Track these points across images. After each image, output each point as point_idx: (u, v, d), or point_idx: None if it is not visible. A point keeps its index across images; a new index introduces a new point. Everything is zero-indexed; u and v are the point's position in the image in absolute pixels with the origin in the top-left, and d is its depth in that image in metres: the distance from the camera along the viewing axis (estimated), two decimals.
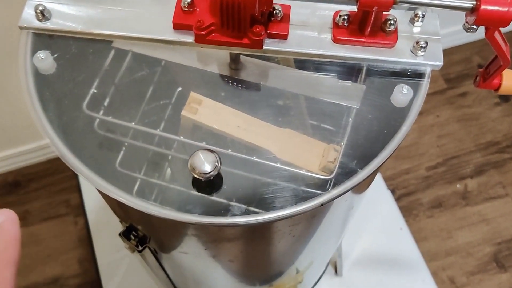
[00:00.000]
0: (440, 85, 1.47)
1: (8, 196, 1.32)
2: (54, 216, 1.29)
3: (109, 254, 1.17)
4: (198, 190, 0.44)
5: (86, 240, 1.24)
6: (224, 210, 0.44)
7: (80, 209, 1.28)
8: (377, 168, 0.44)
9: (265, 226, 0.45)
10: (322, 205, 0.42)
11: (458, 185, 1.34)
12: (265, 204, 0.50)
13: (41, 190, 1.32)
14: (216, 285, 0.74)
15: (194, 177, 0.42)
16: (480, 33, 0.48)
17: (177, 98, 0.57)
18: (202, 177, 0.41)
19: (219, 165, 0.42)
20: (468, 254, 1.25)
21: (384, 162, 0.44)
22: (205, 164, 0.41)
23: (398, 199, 1.30)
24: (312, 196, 0.44)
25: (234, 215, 0.42)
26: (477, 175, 1.35)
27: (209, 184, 0.45)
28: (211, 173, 0.41)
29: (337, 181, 0.47)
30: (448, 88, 1.47)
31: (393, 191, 1.30)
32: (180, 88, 0.57)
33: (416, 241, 1.19)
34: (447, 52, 1.51)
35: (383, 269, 1.15)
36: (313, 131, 0.54)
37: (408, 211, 1.29)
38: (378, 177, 1.27)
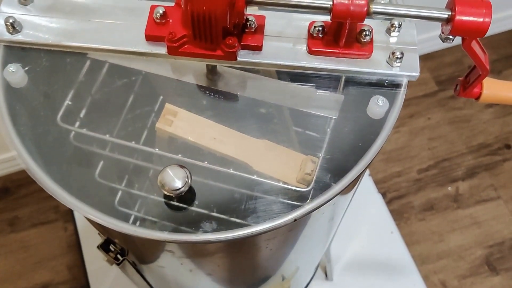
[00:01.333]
0: (431, 87, 1.46)
1: None
2: (44, 222, 1.28)
3: (98, 260, 1.16)
4: (169, 206, 0.43)
5: (76, 246, 1.24)
6: (196, 226, 0.44)
7: (69, 215, 1.27)
8: (351, 182, 0.44)
9: (239, 242, 0.44)
10: (295, 220, 0.41)
11: (449, 188, 1.33)
12: (241, 216, 0.49)
13: (30, 196, 1.31)
14: None
15: (164, 194, 0.41)
16: None
17: (155, 109, 0.57)
18: (172, 193, 0.41)
19: (189, 181, 0.41)
20: (460, 258, 1.25)
21: (359, 175, 0.44)
22: (176, 180, 0.41)
23: (389, 203, 1.29)
24: (290, 209, 0.43)
25: (205, 231, 0.41)
26: (468, 177, 1.34)
27: (181, 199, 0.44)
28: (182, 189, 0.40)
29: (315, 194, 0.47)
30: (439, 90, 1.46)
31: (384, 194, 1.29)
32: (158, 99, 0.57)
33: (408, 244, 1.19)
34: (438, 54, 1.50)
35: (374, 273, 1.15)
36: (291, 142, 0.53)
37: (399, 215, 1.29)
38: (369, 180, 1.26)
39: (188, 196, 0.44)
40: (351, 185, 0.46)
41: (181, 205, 0.45)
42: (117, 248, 0.57)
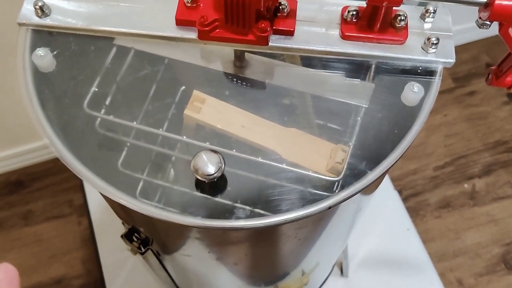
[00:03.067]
0: (448, 84, 1.45)
1: (11, 195, 1.31)
2: (58, 216, 1.28)
3: (112, 255, 1.16)
4: (201, 192, 0.43)
5: (90, 240, 1.23)
6: (228, 213, 0.43)
7: (83, 209, 1.27)
8: (387, 170, 0.43)
9: (271, 230, 0.43)
10: (330, 208, 0.40)
11: (466, 185, 1.32)
12: (270, 206, 0.48)
13: (45, 190, 1.31)
14: (220, 287, 0.73)
15: (197, 179, 0.40)
16: (488, 31, 0.46)
17: (181, 97, 0.56)
18: (206, 178, 0.40)
19: (223, 166, 0.41)
20: (476, 255, 1.23)
21: (394, 163, 0.43)
22: (209, 166, 0.40)
23: (405, 200, 1.28)
24: (319, 198, 0.42)
25: (238, 218, 0.41)
26: (485, 175, 1.33)
27: (212, 186, 0.43)
28: (215, 174, 0.40)
29: (345, 183, 0.45)
30: (456, 87, 1.45)
31: (400, 192, 1.28)
32: (183, 87, 0.56)
33: (424, 241, 1.17)
34: (455, 51, 1.48)
35: (390, 270, 1.14)
36: (320, 131, 0.52)
37: (415, 212, 1.27)
38: (385, 178, 1.25)
39: (220, 183, 0.43)
40: (384, 174, 0.45)
41: (212, 194, 0.44)
42: (141, 237, 0.57)
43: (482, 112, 1.41)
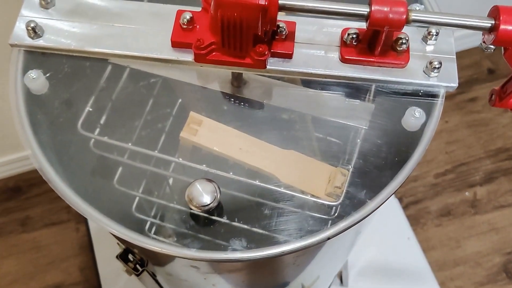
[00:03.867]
0: None
1: (9, 201, 1.30)
2: (56, 223, 1.27)
3: (110, 262, 1.15)
4: (196, 222, 0.42)
5: (88, 247, 1.23)
6: (224, 238, 0.42)
7: (81, 216, 1.25)
8: (387, 198, 0.42)
9: (268, 260, 0.42)
10: (329, 238, 0.39)
11: (467, 193, 1.31)
12: (268, 229, 0.47)
13: (43, 196, 1.30)
14: None
15: (191, 209, 0.39)
16: None
17: (177, 116, 0.55)
18: (201, 209, 0.39)
19: (218, 196, 0.39)
20: (477, 264, 1.22)
21: (396, 191, 0.42)
22: (204, 195, 0.39)
23: (405, 207, 1.27)
24: (317, 223, 0.42)
25: (234, 250, 0.40)
26: (486, 182, 1.32)
27: (208, 215, 0.42)
28: (210, 205, 0.39)
29: (344, 208, 0.45)
30: (458, 93, 1.43)
31: (400, 199, 1.27)
32: (180, 106, 0.55)
33: (424, 250, 1.16)
34: (456, 56, 1.47)
35: (390, 280, 1.13)
36: (319, 153, 0.51)
37: (415, 220, 1.26)
38: None
39: (216, 210, 0.42)
40: (384, 202, 0.44)
41: (208, 220, 0.43)
42: (137, 258, 0.56)
43: (484, 119, 1.40)
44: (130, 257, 0.57)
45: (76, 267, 1.22)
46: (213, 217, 0.43)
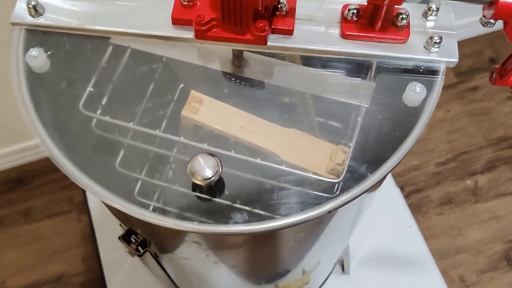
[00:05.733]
0: (451, 79, 1.43)
1: (11, 192, 1.30)
2: (58, 213, 1.27)
3: (113, 252, 1.16)
4: (198, 195, 0.42)
5: (90, 237, 1.23)
6: (226, 216, 0.42)
7: (83, 206, 1.26)
8: (388, 172, 0.42)
9: (270, 234, 0.43)
10: (329, 212, 0.39)
11: (468, 182, 1.31)
12: (269, 208, 0.47)
13: (45, 187, 1.30)
14: (220, 286, 0.72)
15: (194, 183, 0.39)
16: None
17: (178, 96, 0.55)
18: (203, 182, 0.39)
19: (220, 170, 0.40)
20: (479, 252, 1.22)
21: (396, 165, 0.42)
22: (205, 169, 0.39)
23: (407, 196, 1.27)
24: (318, 201, 0.42)
25: (236, 222, 0.40)
26: (487, 171, 1.32)
27: (210, 188, 0.42)
28: (212, 178, 0.39)
29: (345, 185, 0.45)
30: (459, 82, 1.43)
31: (402, 188, 1.27)
32: (181, 86, 0.55)
33: (425, 238, 1.16)
34: (458, 45, 1.47)
35: (391, 268, 1.13)
36: (320, 131, 0.51)
37: (417, 208, 1.26)
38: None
39: (217, 186, 0.42)
40: (385, 176, 0.44)
41: (209, 196, 0.43)
42: (139, 239, 0.56)
43: (485, 108, 1.40)
44: (133, 238, 0.57)
45: (79, 257, 1.22)
46: (215, 193, 0.43)
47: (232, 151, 0.48)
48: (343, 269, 1.10)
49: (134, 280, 1.12)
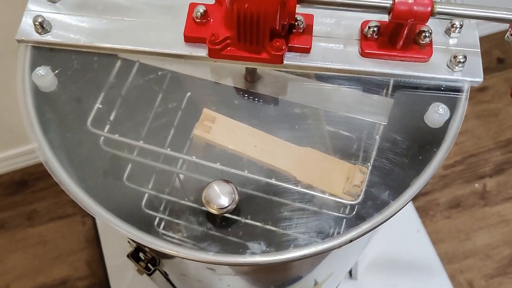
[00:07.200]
0: None
1: (15, 195, 1.29)
2: (62, 216, 1.26)
3: (117, 256, 1.15)
4: (213, 224, 0.40)
5: (94, 241, 1.22)
6: (242, 246, 0.40)
7: None
8: (411, 198, 0.40)
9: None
10: (351, 241, 0.38)
11: (476, 185, 1.29)
12: (285, 229, 0.46)
13: (48, 190, 1.29)
14: None
15: (208, 212, 0.38)
16: (500, 25, 0.43)
17: (189, 113, 0.53)
18: (218, 212, 0.37)
19: (236, 198, 0.38)
20: (487, 257, 1.21)
21: (419, 192, 0.40)
22: (221, 197, 0.37)
23: (414, 199, 1.25)
24: (336, 223, 0.40)
25: (253, 253, 0.38)
26: (496, 174, 1.30)
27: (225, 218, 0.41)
28: (228, 207, 0.37)
29: (364, 208, 0.43)
30: None
31: None
32: (192, 102, 0.53)
33: (433, 242, 1.15)
34: None
35: (399, 273, 1.12)
36: (336, 150, 0.49)
37: (424, 212, 1.25)
38: None
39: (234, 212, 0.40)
40: (408, 203, 0.42)
41: (224, 221, 0.42)
42: (148, 256, 0.55)
43: (494, 109, 1.38)
44: (142, 256, 0.56)
45: (83, 261, 1.21)
46: (230, 217, 0.42)
47: (246, 172, 0.46)
48: (350, 274, 1.09)
49: (139, 284, 1.11)
